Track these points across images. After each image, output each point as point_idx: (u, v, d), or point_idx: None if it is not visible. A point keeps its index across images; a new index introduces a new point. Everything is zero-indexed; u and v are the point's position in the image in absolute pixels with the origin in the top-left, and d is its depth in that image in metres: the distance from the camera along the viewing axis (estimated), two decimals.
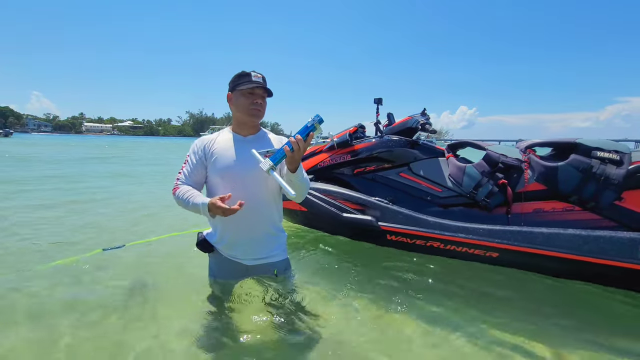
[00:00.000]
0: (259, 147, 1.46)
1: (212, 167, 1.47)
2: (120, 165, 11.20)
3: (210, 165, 1.48)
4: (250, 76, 1.45)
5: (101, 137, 72.09)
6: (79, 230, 3.44)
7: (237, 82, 1.48)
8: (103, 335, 1.65)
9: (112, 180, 7.43)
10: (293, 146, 1.26)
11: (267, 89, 1.48)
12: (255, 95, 1.46)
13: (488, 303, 2.03)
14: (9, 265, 2.47)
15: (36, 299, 2.00)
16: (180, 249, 2.83)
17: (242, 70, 1.49)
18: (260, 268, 1.54)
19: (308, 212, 2.88)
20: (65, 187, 6.04)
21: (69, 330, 1.68)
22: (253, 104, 1.45)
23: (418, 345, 1.63)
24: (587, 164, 2.17)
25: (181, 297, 2.01)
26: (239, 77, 1.48)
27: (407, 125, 2.85)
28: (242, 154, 1.46)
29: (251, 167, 1.42)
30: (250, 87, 1.44)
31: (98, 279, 2.26)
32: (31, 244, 2.97)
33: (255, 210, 1.46)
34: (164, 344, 1.56)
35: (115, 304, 1.94)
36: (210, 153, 1.48)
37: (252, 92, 1.45)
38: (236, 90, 1.48)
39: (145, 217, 4.10)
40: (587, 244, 2.01)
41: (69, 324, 1.73)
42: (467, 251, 2.38)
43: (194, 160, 1.50)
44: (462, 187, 2.58)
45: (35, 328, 1.70)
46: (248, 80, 1.45)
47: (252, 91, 1.45)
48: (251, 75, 1.46)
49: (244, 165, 1.44)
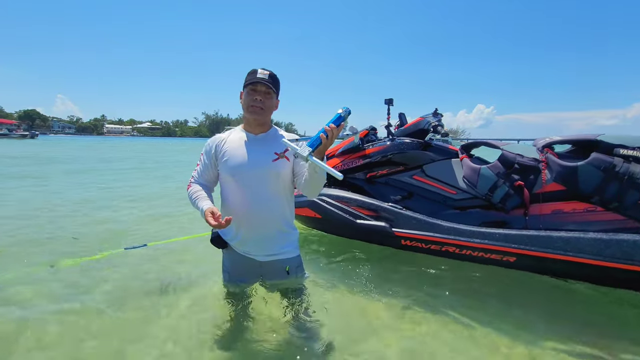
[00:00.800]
0: (269, 146, 1.47)
1: (224, 165, 1.47)
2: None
3: (221, 164, 1.48)
4: (256, 73, 1.43)
5: (122, 138, 74.28)
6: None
7: (245, 79, 1.47)
8: (118, 331, 1.73)
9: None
10: (328, 134, 1.26)
11: (270, 86, 1.43)
12: (256, 92, 1.43)
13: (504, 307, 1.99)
14: (40, 258, 2.66)
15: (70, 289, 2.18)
16: (199, 251, 2.93)
17: (252, 69, 1.47)
18: (273, 264, 1.54)
19: (322, 219, 2.87)
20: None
21: (97, 321, 1.79)
22: (252, 101, 1.43)
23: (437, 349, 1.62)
24: (609, 162, 2.07)
25: (198, 296, 2.09)
26: (247, 75, 1.47)
27: (418, 126, 2.81)
28: (252, 152, 1.46)
29: (262, 165, 1.43)
30: (251, 82, 1.42)
31: (118, 277, 2.37)
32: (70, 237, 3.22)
33: (266, 207, 1.47)
34: (180, 340, 1.64)
35: (130, 302, 2.03)
36: (221, 152, 1.49)
37: (254, 89, 1.43)
38: (244, 88, 1.47)
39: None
40: (610, 248, 1.93)
41: (94, 317, 1.84)
42: (484, 256, 2.33)
43: (206, 160, 1.53)
44: (477, 189, 2.52)
45: (60, 319, 1.83)
46: (252, 77, 1.43)
47: (254, 87, 1.43)
48: (257, 71, 1.43)
49: (254, 163, 1.44)
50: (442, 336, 1.73)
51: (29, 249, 2.91)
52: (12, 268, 2.47)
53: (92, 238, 3.23)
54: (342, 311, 1.95)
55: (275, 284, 1.61)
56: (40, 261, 2.61)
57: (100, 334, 1.70)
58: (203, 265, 2.55)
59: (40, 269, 2.48)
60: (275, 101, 1.51)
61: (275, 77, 1.47)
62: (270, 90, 1.45)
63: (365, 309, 1.98)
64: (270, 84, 1.43)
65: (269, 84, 1.43)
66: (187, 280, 2.32)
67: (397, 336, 1.72)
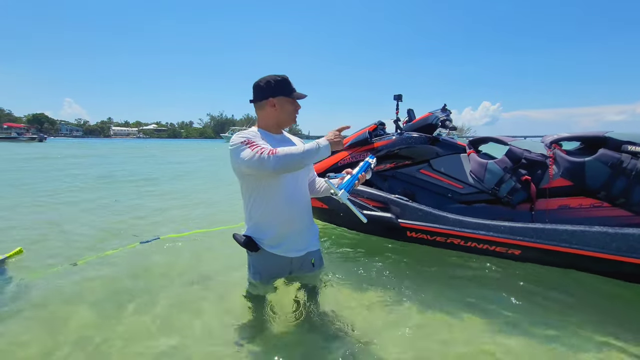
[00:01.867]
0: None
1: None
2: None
3: None
4: (290, 84, 1.57)
5: (128, 140, 75.01)
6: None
7: (283, 87, 1.53)
8: (141, 325, 1.81)
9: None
10: (360, 180, 1.49)
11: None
12: (298, 106, 1.61)
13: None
14: (61, 257, 2.76)
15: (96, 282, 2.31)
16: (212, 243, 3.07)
17: (282, 77, 1.54)
18: (302, 259, 1.62)
19: (329, 209, 2.93)
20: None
21: (115, 316, 1.87)
22: (295, 112, 1.60)
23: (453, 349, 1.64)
24: (616, 158, 2.09)
25: (220, 292, 2.16)
26: (285, 83, 1.54)
27: (427, 121, 2.84)
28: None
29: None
30: (298, 98, 1.59)
31: (137, 272, 2.46)
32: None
33: (302, 202, 1.59)
34: (205, 332, 1.72)
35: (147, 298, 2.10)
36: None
37: (295, 102, 1.60)
38: (282, 96, 1.53)
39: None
40: (615, 242, 1.95)
41: (114, 312, 1.92)
42: (489, 248, 2.36)
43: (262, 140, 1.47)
44: (483, 184, 2.55)
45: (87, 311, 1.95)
46: (294, 90, 1.58)
47: (298, 102, 1.60)
48: (291, 83, 1.57)
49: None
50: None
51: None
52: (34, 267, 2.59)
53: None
54: (357, 305, 1.99)
55: (302, 277, 1.70)
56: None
57: (127, 332, 1.77)
58: (222, 259, 2.67)
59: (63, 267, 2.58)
60: None
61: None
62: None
63: (385, 308, 2.01)
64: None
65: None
66: (206, 275, 2.41)
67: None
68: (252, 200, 1.52)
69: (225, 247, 2.88)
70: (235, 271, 2.36)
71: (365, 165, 1.56)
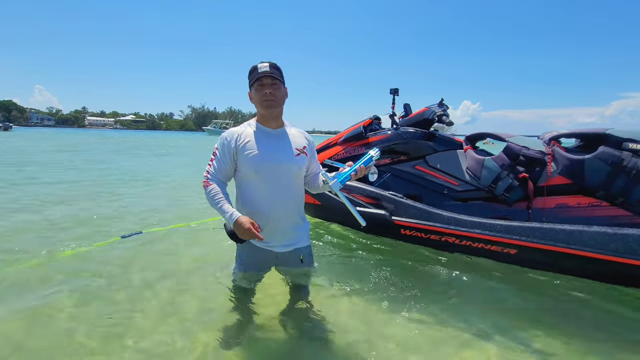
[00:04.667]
0: (290, 141, 1.51)
1: (245, 160, 1.45)
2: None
3: (242, 159, 1.46)
4: (257, 68, 1.44)
5: (104, 131, 72.08)
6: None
7: (249, 78, 1.49)
8: (122, 324, 1.68)
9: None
10: (358, 172, 1.45)
11: (275, 76, 1.44)
12: (264, 85, 1.44)
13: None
14: (36, 250, 2.57)
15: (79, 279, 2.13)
16: (196, 237, 2.98)
17: (252, 66, 1.48)
18: (289, 255, 1.58)
19: (322, 205, 2.84)
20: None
21: (92, 320, 1.71)
22: (264, 96, 1.44)
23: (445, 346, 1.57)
24: (617, 156, 2.05)
25: (201, 286, 2.07)
26: (249, 74, 1.48)
27: (423, 116, 2.76)
28: (276, 147, 1.48)
29: (287, 160, 1.47)
30: (256, 78, 1.43)
31: (118, 267, 2.32)
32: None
33: (288, 200, 1.52)
34: (185, 332, 1.61)
35: (131, 292, 1.99)
36: (241, 147, 1.46)
37: (261, 84, 1.44)
38: (251, 87, 1.49)
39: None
40: (614, 243, 1.90)
41: (94, 313, 1.77)
42: (484, 247, 2.29)
43: (225, 155, 1.48)
44: (480, 181, 2.48)
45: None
46: (255, 73, 1.44)
47: (261, 82, 1.44)
48: (257, 67, 1.44)
49: (280, 158, 1.47)
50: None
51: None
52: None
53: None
54: (352, 305, 1.90)
55: (287, 271, 1.66)
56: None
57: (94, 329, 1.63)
58: (205, 253, 2.59)
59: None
60: (284, 89, 1.52)
61: (276, 66, 1.48)
62: (276, 81, 1.45)
63: (370, 303, 1.93)
64: (275, 74, 1.44)
65: (274, 75, 1.44)
66: (186, 268, 2.33)
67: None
68: (238, 193, 1.54)
69: (211, 240, 2.83)
70: (216, 265, 2.29)
71: (367, 159, 1.48)
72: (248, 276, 1.65)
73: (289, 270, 1.65)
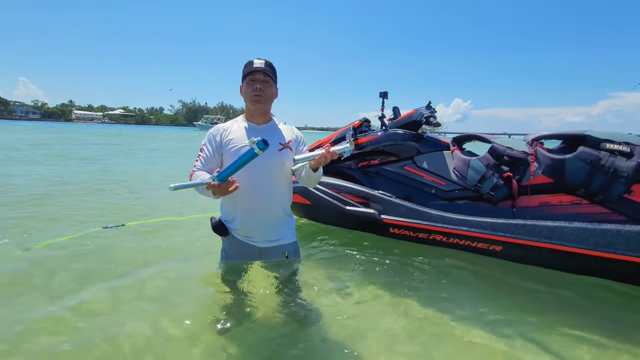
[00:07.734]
0: (273, 136, 1.53)
1: (229, 154, 1.49)
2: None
3: (226, 153, 1.51)
4: (252, 63, 1.47)
5: (92, 125, 70.72)
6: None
7: (243, 72, 1.51)
8: (105, 315, 1.67)
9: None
10: (327, 155, 1.40)
11: (268, 74, 1.47)
12: (256, 80, 1.47)
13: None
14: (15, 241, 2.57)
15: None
16: (181, 231, 2.98)
17: (247, 60, 1.51)
18: (273, 250, 1.60)
19: (311, 205, 2.87)
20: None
21: (69, 312, 1.68)
22: (254, 90, 1.47)
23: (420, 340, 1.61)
24: (595, 156, 2.13)
25: (186, 279, 2.07)
26: (244, 67, 1.51)
27: (411, 118, 2.81)
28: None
29: (267, 155, 1.45)
30: (249, 72, 1.46)
31: (99, 258, 2.32)
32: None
33: (270, 195, 1.54)
34: (167, 327, 1.57)
35: (115, 285, 1.97)
36: (226, 142, 1.51)
37: (253, 79, 1.47)
38: (243, 80, 1.51)
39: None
40: (594, 238, 1.99)
41: (72, 306, 1.74)
42: (470, 244, 2.38)
43: (210, 149, 1.53)
44: (466, 181, 2.54)
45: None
46: (250, 67, 1.47)
47: (253, 77, 1.47)
48: (253, 62, 1.48)
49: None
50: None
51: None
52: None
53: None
54: (339, 299, 1.92)
55: (272, 266, 1.67)
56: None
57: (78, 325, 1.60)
58: (188, 246, 2.61)
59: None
60: (275, 89, 1.55)
61: (271, 65, 1.52)
62: (268, 79, 1.48)
63: (356, 295, 1.95)
64: (268, 72, 1.47)
65: (267, 73, 1.47)
66: (171, 261, 2.34)
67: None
68: None
69: (195, 234, 2.85)
70: (200, 260, 2.31)
71: (342, 146, 1.42)
72: (232, 265, 1.67)
73: (273, 265, 1.66)
